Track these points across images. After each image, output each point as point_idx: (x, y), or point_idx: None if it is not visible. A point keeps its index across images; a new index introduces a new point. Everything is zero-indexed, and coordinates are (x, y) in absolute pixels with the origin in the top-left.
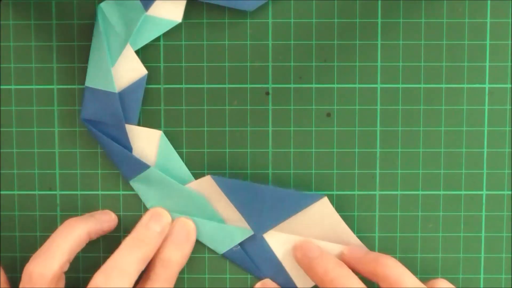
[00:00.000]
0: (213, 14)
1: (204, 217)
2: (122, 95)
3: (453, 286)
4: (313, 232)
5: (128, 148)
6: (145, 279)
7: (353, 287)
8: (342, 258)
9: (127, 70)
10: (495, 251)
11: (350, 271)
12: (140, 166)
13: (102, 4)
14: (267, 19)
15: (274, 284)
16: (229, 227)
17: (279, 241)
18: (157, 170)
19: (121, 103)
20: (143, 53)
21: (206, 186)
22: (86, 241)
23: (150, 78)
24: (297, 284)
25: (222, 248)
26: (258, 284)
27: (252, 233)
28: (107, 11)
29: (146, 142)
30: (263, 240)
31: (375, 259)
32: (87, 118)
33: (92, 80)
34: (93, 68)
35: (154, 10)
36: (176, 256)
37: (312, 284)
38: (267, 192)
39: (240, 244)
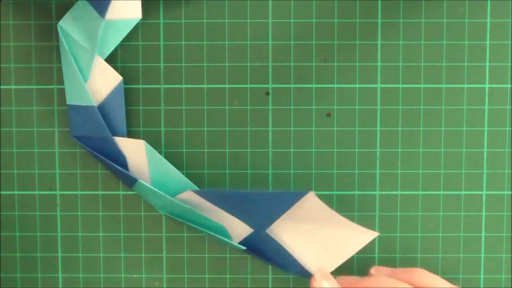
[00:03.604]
0: (213, 14)
1: (202, 223)
2: (104, 105)
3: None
4: (312, 220)
5: (122, 157)
6: None
7: None
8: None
9: (103, 80)
10: (495, 251)
11: None
12: (131, 179)
13: (60, 23)
14: (267, 19)
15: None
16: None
17: (282, 232)
18: (144, 183)
19: (105, 114)
20: (143, 53)
21: (193, 199)
22: None
23: (150, 78)
24: (310, 269)
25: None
26: (317, 275)
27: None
28: (67, 28)
29: (136, 151)
30: (266, 235)
31: (407, 271)
32: (77, 135)
33: (72, 98)
34: (69, 85)
35: (111, 14)
36: None
37: (326, 266)
38: (253, 196)
39: (246, 240)
